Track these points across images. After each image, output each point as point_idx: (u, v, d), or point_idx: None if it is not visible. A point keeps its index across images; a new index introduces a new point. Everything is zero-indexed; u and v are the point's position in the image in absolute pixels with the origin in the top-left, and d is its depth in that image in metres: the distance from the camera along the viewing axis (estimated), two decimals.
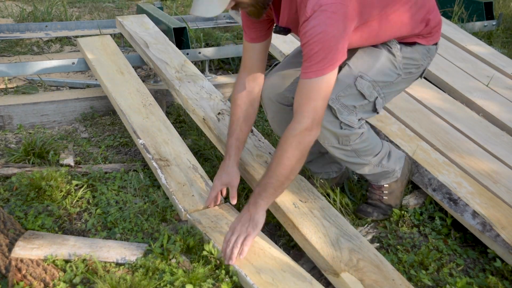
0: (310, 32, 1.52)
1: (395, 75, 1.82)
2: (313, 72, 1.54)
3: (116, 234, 1.83)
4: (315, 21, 1.51)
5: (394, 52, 1.80)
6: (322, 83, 1.55)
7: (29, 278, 1.55)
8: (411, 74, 1.87)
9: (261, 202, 1.62)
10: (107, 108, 2.92)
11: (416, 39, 1.83)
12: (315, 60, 1.53)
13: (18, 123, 2.76)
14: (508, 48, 4.04)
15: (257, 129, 2.57)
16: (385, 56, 1.80)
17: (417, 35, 1.82)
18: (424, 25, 1.80)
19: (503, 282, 1.70)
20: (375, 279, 1.54)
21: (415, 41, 1.83)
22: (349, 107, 1.75)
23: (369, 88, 1.77)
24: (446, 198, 1.98)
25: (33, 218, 1.86)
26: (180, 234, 1.77)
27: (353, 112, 1.77)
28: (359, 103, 1.77)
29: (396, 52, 1.80)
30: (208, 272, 1.60)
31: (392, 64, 1.81)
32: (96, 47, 3.07)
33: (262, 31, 1.87)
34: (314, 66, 1.54)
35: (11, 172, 2.19)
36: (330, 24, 1.52)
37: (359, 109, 1.78)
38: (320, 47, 1.52)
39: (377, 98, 1.80)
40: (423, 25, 1.80)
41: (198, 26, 4.28)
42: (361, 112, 1.79)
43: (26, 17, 4.82)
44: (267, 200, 1.63)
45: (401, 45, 1.82)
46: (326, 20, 1.51)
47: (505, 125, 2.49)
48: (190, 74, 2.73)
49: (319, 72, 1.54)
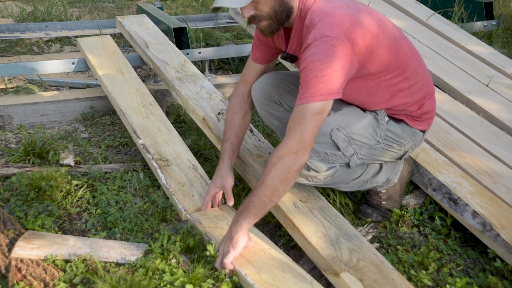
0: (308, 59, 1.56)
1: (374, 141, 1.82)
2: (305, 98, 1.56)
3: (116, 234, 1.83)
4: (315, 49, 1.55)
5: (379, 120, 1.83)
6: (312, 110, 1.55)
7: (29, 278, 1.55)
8: (391, 148, 1.87)
9: (243, 221, 1.60)
10: (107, 108, 2.92)
11: (404, 117, 1.85)
12: (309, 87, 1.55)
13: (18, 123, 2.76)
14: (508, 48, 4.04)
15: (257, 129, 2.57)
16: (369, 120, 1.82)
17: (407, 114, 1.85)
18: (417, 107, 1.84)
19: (503, 282, 1.70)
20: (375, 279, 1.54)
21: (403, 119, 1.85)
22: (321, 153, 1.76)
23: (344, 141, 1.77)
24: (446, 198, 1.98)
25: (33, 218, 1.86)
26: (180, 234, 1.77)
27: (324, 159, 1.78)
28: (331, 152, 1.77)
29: (381, 121, 1.83)
30: (208, 272, 1.60)
31: (374, 130, 1.82)
32: (96, 47, 3.07)
33: (268, 56, 1.96)
34: (307, 93, 1.55)
35: (11, 172, 2.19)
36: (328, 55, 1.54)
37: (331, 158, 1.78)
38: (315, 74, 1.54)
39: (353, 156, 1.80)
40: (416, 106, 1.83)
41: (198, 26, 4.28)
42: (333, 162, 1.80)
43: (26, 17, 4.82)
44: (248, 219, 1.60)
45: (389, 118, 1.84)
46: (324, 51, 1.54)
47: (505, 125, 2.49)
48: (190, 74, 2.73)
49: (310, 99, 1.54)
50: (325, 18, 1.59)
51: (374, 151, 1.85)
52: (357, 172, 1.88)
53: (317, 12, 1.62)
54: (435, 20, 3.69)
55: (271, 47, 1.93)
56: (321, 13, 1.61)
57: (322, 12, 1.61)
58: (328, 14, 1.60)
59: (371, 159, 1.88)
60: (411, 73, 1.77)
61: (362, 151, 1.82)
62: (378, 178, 1.94)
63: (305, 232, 1.71)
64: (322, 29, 1.56)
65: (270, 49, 1.94)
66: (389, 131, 1.84)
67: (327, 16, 1.59)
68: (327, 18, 1.59)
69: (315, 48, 1.55)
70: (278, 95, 2.00)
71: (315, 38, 1.56)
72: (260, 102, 2.02)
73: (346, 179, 1.87)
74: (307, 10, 1.65)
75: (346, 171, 1.85)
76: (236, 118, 1.98)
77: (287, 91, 2.01)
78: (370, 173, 1.92)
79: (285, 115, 2.04)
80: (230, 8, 3.71)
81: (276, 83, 2.00)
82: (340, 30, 1.56)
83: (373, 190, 2.01)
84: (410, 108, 1.83)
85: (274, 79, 2.00)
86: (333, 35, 1.55)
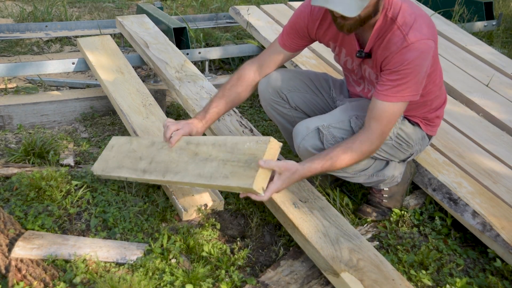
0: (407, 61, 1.62)
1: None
2: (395, 97, 1.65)
3: (116, 234, 1.83)
4: (415, 53, 1.61)
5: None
6: (396, 108, 1.67)
7: (29, 278, 1.55)
8: (400, 147, 1.91)
9: (305, 171, 1.65)
10: (107, 108, 2.92)
11: (419, 121, 1.92)
12: (401, 87, 1.64)
13: (18, 123, 2.76)
14: (508, 48, 4.04)
15: (257, 129, 2.57)
16: None
17: (423, 118, 1.92)
18: (434, 109, 1.92)
19: (503, 282, 1.70)
20: (375, 279, 1.54)
21: (418, 122, 1.92)
22: (337, 138, 1.79)
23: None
24: (446, 198, 1.98)
25: (33, 218, 1.86)
26: (180, 234, 1.77)
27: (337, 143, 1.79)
28: (346, 137, 1.79)
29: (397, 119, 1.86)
30: (208, 272, 1.60)
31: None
32: (96, 47, 3.07)
33: (298, 45, 1.94)
34: (399, 92, 1.65)
35: (11, 172, 2.19)
36: (425, 58, 1.63)
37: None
38: (411, 77, 1.63)
39: None
40: (434, 110, 1.92)
41: (198, 26, 4.28)
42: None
43: (26, 17, 4.82)
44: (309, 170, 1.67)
45: (404, 117, 1.90)
46: (425, 54, 1.62)
47: (505, 125, 2.49)
48: (190, 74, 2.73)
49: (400, 98, 1.65)
50: (419, 19, 1.65)
51: (385, 146, 1.87)
52: (366, 164, 1.89)
53: (409, 12, 1.66)
54: (435, 20, 3.69)
55: (304, 37, 1.90)
56: (413, 13, 1.66)
57: (414, 13, 1.66)
58: (420, 15, 1.66)
59: (382, 153, 1.90)
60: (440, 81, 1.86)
61: None
62: (385, 172, 1.95)
63: (305, 232, 1.71)
64: (420, 30, 1.63)
65: (303, 39, 1.91)
66: (402, 131, 1.88)
67: (420, 17, 1.66)
68: (420, 19, 1.65)
69: (415, 51, 1.61)
70: (287, 91, 2.00)
71: (417, 39, 1.61)
72: (267, 97, 2.02)
73: (353, 169, 1.89)
74: (395, 10, 1.67)
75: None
76: (246, 79, 1.97)
77: (297, 89, 2.01)
78: (377, 167, 1.93)
79: (290, 112, 2.04)
80: (230, 8, 3.71)
81: (285, 80, 2.00)
82: (434, 33, 1.67)
83: (376, 188, 2.01)
84: (427, 114, 1.91)
85: (284, 75, 2.00)
86: (431, 38, 1.63)
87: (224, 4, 5.39)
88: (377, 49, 1.71)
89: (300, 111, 2.05)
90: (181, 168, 1.74)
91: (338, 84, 2.10)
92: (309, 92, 2.05)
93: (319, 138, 1.80)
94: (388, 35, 1.67)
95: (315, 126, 1.80)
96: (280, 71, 2.01)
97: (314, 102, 2.06)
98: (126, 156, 1.99)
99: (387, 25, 1.68)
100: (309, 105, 2.05)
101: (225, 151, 1.68)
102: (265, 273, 1.66)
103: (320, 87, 2.07)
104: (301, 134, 1.83)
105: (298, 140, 1.84)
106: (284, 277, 1.64)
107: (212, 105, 1.93)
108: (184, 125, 1.85)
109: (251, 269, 1.71)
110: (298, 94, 2.02)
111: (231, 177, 1.58)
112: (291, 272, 1.68)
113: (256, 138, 1.65)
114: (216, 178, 1.61)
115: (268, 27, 3.38)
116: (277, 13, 3.61)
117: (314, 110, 2.06)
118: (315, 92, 2.06)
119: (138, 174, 1.87)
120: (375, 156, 1.90)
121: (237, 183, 1.55)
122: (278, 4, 3.83)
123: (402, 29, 1.63)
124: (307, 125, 1.83)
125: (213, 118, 1.93)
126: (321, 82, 2.08)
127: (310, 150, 1.81)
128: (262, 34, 3.27)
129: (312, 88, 2.05)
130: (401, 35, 1.63)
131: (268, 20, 3.52)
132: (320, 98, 2.06)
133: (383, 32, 1.69)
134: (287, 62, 2.56)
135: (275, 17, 3.55)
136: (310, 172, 1.66)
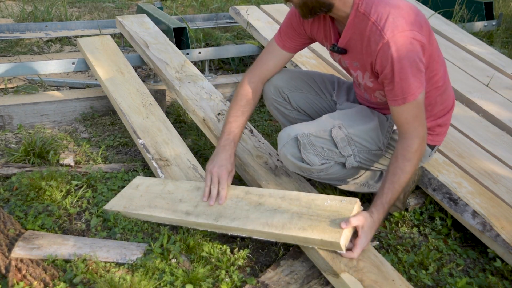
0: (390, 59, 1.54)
1: (375, 146, 1.81)
2: (405, 98, 1.58)
3: (116, 234, 1.83)
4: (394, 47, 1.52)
5: (386, 126, 1.81)
6: (414, 105, 1.59)
7: (29, 278, 1.55)
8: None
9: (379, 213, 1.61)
10: (107, 108, 2.92)
11: None
12: (402, 86, 1.57)
13: (18, 123, 2.76)
14: (508, 48, 4.04)
15: (257, 129, 2.57)
16: (374, 124, 1.80)
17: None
18: (435, 117, 1.82)
19: (503, 282, 1.70)
20: (375, 279, 1.54)
21: None
22: (317, 147, 1.76)
23: (344, 140, 1.76)
24: (446, 198, 1.98)
25: (33, 218, 1.86)
26: (180, 234, 1.78)
27: (320, 154, 1.77)
28: (327, 147, 1.76)
29: (388, 128, 1.81)
30: (208, 272, 1.60)
31: (377, 135, 1.81)
32: (96, 47, 3.07)
33: (298, 43, 1.89)
34: (404, 92, 1.57)
35: (11, 172, 2.19)
36: (407, 50, 1.53)
37: (326, 153, 1.77)
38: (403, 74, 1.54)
39: (351, 157, 1.79)
40: (435, 117, 1.82)
41: (198, 26, 4.28)
42: (328, 158, 1.78)
43: (26, 17, 4.81)
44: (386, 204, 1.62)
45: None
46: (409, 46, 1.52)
47: (505, 125, 2.49)
48: (190, 74, 2.73)
49: (410, 97, 1.58)
50: (393, 10, 1.54)
51: (374, 157, 1.84)
52: (354, 173, 1.87)
53: (382, 5, 1.56)
54: (435, 20, 3.69)
55: (302, 35, 1.86)
56: (387, 5, 1.55)
57: (388, 5, 1.55)
58: (396, 6, 1.55)
59: (371, 164, 1.87)
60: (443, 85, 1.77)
61: (361, 154, 1.81)
62: (377, 184, 1.93)
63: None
64: (394, 23, 1.52)
65: (301, 37, 1.87)
66: (394, 140, 1.82)
67: (395, 9, 1.55)
68: (395, 10, 1.54)
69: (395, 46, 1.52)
70: (288, 91, 1.98)
71: (393, 33, 1.52)
72: (269, 96, 2.01)
73: (342, 178, 1.86)
74: (367, 5, 1.58)
75: (342, 170, 1.85)
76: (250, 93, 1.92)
77: (298, 89, 1.99)
78: (369, 178, 1.91)
79: (292, 113, 2.03)
80: (230, 8, 3.71)
81: (287, 79, 1.98)
82: (417, 23, 1.55)
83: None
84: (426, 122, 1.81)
85: (286, 75, 1.99)
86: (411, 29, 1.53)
87: (224, 4, 5.39)
88: (359, 47, 1.65)
89: (302, 112, 2.04)
90: (240, 215, 1.71)
91: (345, 86, 2.04)
92: (312, 93, 2.02)
93: (297, 146, 1.77)
94: (367, 33, 1.59)
95: (295, 134, 1.77)
96: (283, 70, 2.00)
97: (317, 104, 2.03)
98: (159, 197, 1.90)
99: (360, 20, 1.60)
100: (312, 106, 2.02)
101: (299, 205, 1.67)
102: (265, 273, 1.66)
103: (324, 89, 2.02)
104: (282, 141, 1.80)
105: (279, 146, 1.81)
106: (284, 277, 1.64)
107: (233, 125, 1.88)
108: (226, 175, 1.80)
109: (251, 269, 1.71)
110: (300, 94, 2.00)
111: (311, 229, 1.57)
112: (291, 272, 1.67)
113: (338, 197, 1.64)
114: (290, 228, 1.60)
115: (268, 27, 3.38)
116: (277, 13, 3.61)
117: (317, 111, 2.02)
118: (319, 93, 2.02)
119: (179, 216, 1.79)
120: (367, 167, 1.87)
121: (321, 236, 1.54)
122: (278, 4, 3.83)
123: (377, 24, 1.55)
124: (289, 132, 1.79)
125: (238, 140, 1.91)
126: (326, 83, 2.03)
127: (289, 158, 1.79)
128: (262, 34, 3.27)
129: (316, 89, 2.02)
130: (378, 31, 1.54)
131: (268, 20, 3.52)
132: (324, 99, 2.03)
133: (360, 30, 1.61)
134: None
135: (275, 17, 3.55)
136: (384, 210, 1.62)
